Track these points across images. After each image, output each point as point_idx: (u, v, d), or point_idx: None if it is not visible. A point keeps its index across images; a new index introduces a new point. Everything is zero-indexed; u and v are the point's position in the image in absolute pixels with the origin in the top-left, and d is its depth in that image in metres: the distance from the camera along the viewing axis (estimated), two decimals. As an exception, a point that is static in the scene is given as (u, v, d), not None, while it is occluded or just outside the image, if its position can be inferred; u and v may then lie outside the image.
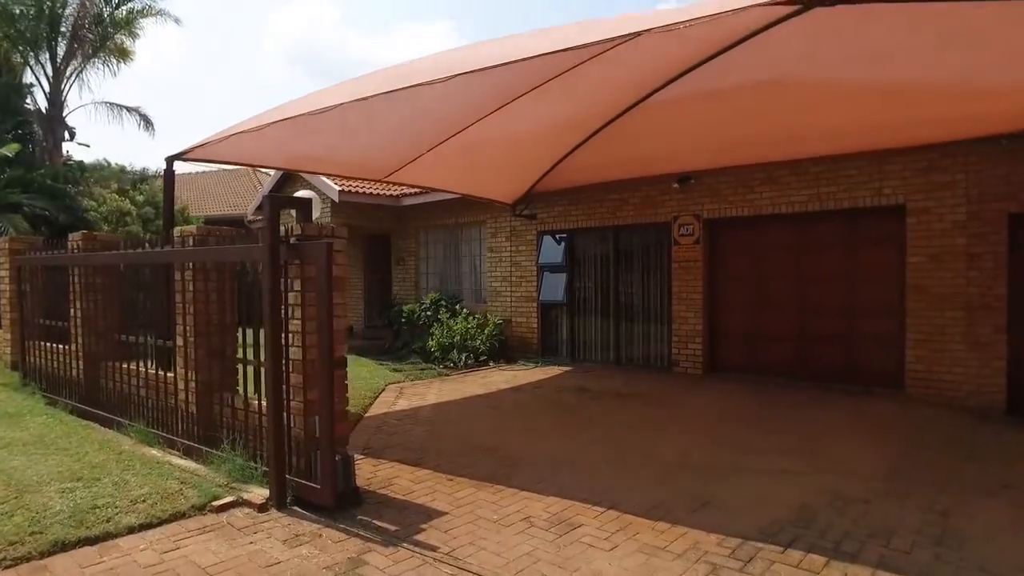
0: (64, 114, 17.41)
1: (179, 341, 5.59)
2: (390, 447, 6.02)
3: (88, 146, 25.14)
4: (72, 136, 18.84)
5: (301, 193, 11.79)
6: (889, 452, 5.70)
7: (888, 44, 5.79)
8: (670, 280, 10.26)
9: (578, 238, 11.63)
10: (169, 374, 5.84)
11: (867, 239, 8.57)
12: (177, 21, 25.09)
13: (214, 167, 20.53)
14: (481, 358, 11.41)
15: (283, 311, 4.60)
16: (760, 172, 9.22)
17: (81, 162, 19.70)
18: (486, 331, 11.74)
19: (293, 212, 5.19)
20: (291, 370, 4.57)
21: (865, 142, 7.92)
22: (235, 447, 4.96)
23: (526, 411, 7.62)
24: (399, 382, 9.63)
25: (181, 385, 5.57)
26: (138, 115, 19.51)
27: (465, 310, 12.31)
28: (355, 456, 5.60)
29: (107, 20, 17.02)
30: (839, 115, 7.38)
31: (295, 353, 4.53)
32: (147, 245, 6.20)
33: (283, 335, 4.59)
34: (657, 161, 9.62)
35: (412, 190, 13.72)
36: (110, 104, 18.78)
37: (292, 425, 4.56)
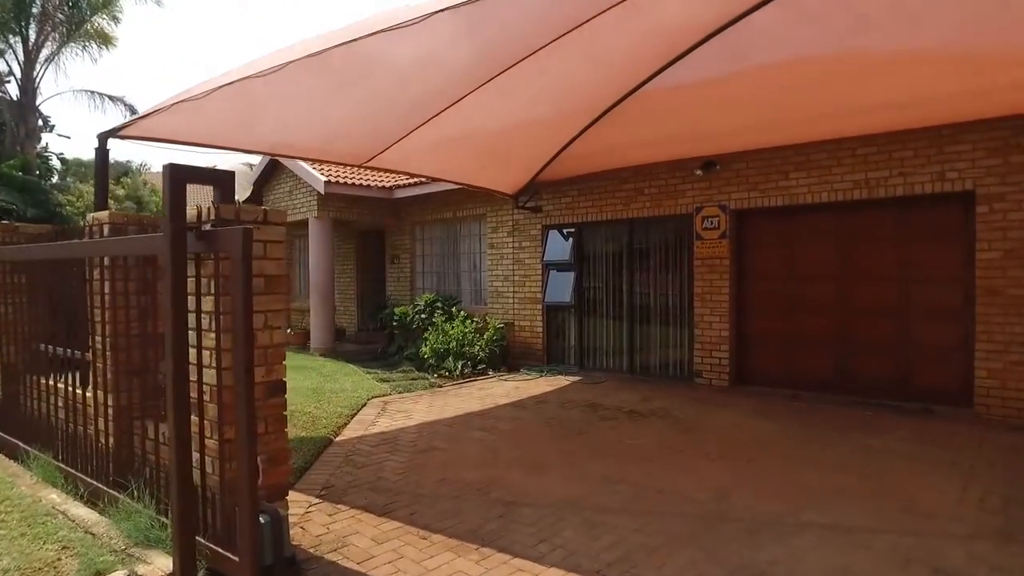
0: (38, 102, 16.43)
1: (96, 354, 4.49)
2: (356, 486, 4.89)
3: (69, 138, 24.16)
4: (49, 127, 17.87)
5: (230, 166, 10.66)
6: (983, 496, 4.52)
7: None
8: (691, 279, 9.09)
9: (588, 233, 10.48)
10: (88, 394, 4.73)
11: (924, 232, 7.37)
12: (158, 3, 23.95)
13: (205, 161, 19.47)
14: (480, 366, 10.27)
15: (197, 320, 3.49)
16: (796, 155, 8.04)
17: (60, 155, 18.74)
18: (485, 336, 10.61)
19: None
20: (206, 399, 3.45)
21: (925, 116, 6.74)
22: (145, 495, 3.84)
23: (527, 434, 6.47)
24: (384, 395, 8.51)
25: (94, 410, 4.47)
26: (123, 104, 18.49)
27: (463, 313, 11.18)
28: (311, 501, 4.49)
29: (82, 1, 16.00)
30: (894, 85, 6.21)
31: (210, 376, 3.41)
32: (63, 237, 5.10)
33: (198, 352, 3.48)
34: (677, 144, 8.46)
35: (405, 180, 12.61)
36: (91, 92, 17.78)
37: (207, 471, 3.44)
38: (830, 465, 5.26)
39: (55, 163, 17.98)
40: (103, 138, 5.81)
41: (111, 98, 18.41)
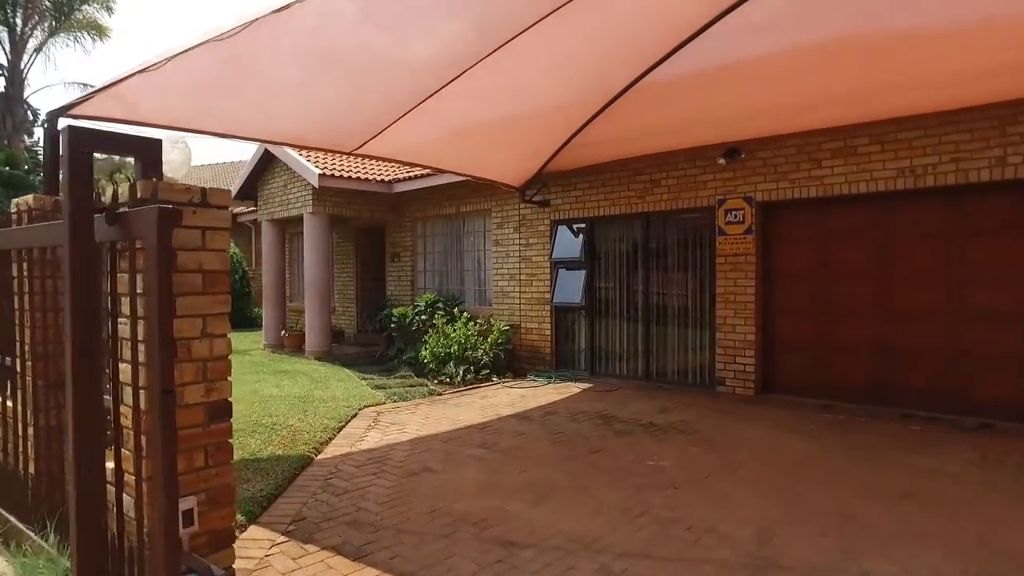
0: (26, 94, 15.87)
1: (19, 365, 3.80)
2: (332, 518, 4.17)
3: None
4: (42, 121, 17.31)
5: (162, 134, 9.99)
6: (1079, 538, 3.75)
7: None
8: (713, 278, 8.33)
9: (600, 228, 9.73)
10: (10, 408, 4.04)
11: (980, 225, 6.59)
12: None
13: (209, 160, 18.88)
14: (483, 372, 9.54)
15: (113, 327, 2.78)
16: (831, 140, 7.27)
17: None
18: (489, 339, 9.88)
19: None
20: (123, 422, 2.74)
21: (984, 92, 5.96)
22: (65, 538, 3.14)
23: (532, 453, 5.73)
24: (378, 404, 7.79)
25: (15, 431, 3.77)
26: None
27: (466, 314, 10.46)
28: (275, 540, 3.78)
29: (70, -12, 15.46)
30: (947, 57, 5.45)
31: (128, 395, 2.70)
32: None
33: (114, 366, 2.77)
34: (698, 129, 7.71)
35: (404, 173, 11.91)
36: (83, 85, 17.16)
37: (127, 515, 2.73)
38: (884, 493, 4.49)
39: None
40: (53, 117, 5.10)
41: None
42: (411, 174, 11.71)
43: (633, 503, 4.39)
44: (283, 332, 12.71)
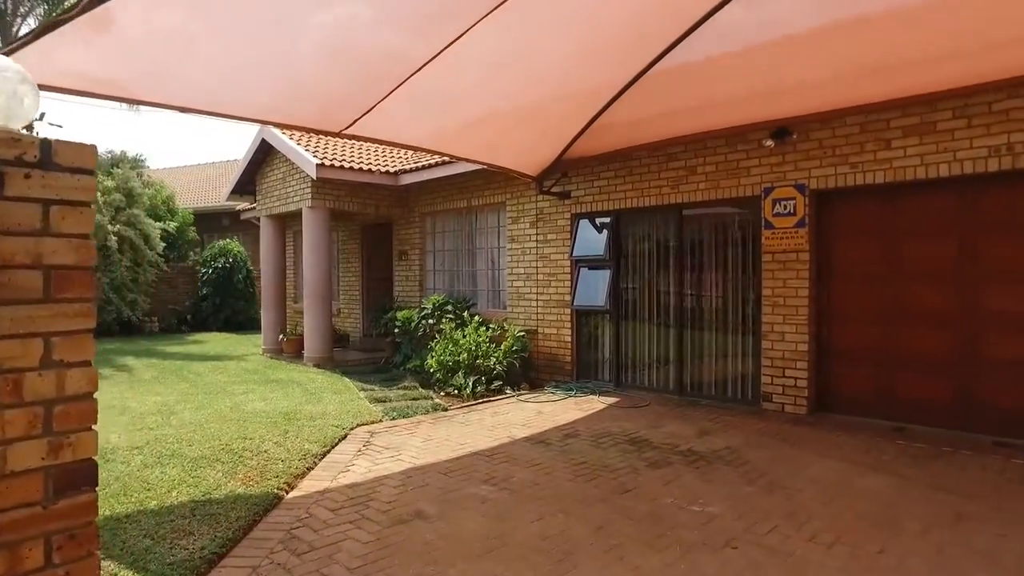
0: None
1: None
2: (284, 592, 3.19)
3: (60, 127, 22.98)
4: (40, 114, 16.60)
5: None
6: None
7: None
8: (758, 278, 7.25)
9: (627, 222, 8.68)
10: None
11: (1093, 213, 5.46)
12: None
13: (204, 159, 18.06)
14: (495, 383, 8.53)
15: None
16: (904, 115, 6.16)
17: (55, 145, 17.43)
18: (503, 346, 8.87)
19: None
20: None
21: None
22: None
23: (550, 492, 4.71)
24: (374, 422, 6.82)
25: None
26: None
27: (477, 317, 9.45)
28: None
29: (64, -29, 14.75)
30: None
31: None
32: None
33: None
34: (741, 106, 6.63)
35: (411, 164, 10.96)
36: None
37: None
38: (1017, 564, 3.41)
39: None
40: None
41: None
42: (418, 164, 10.75)
43: (680, 573, 3.35)
44: (281, 337, 11.81)
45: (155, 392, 8.32)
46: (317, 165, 9.97)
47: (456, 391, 8.38)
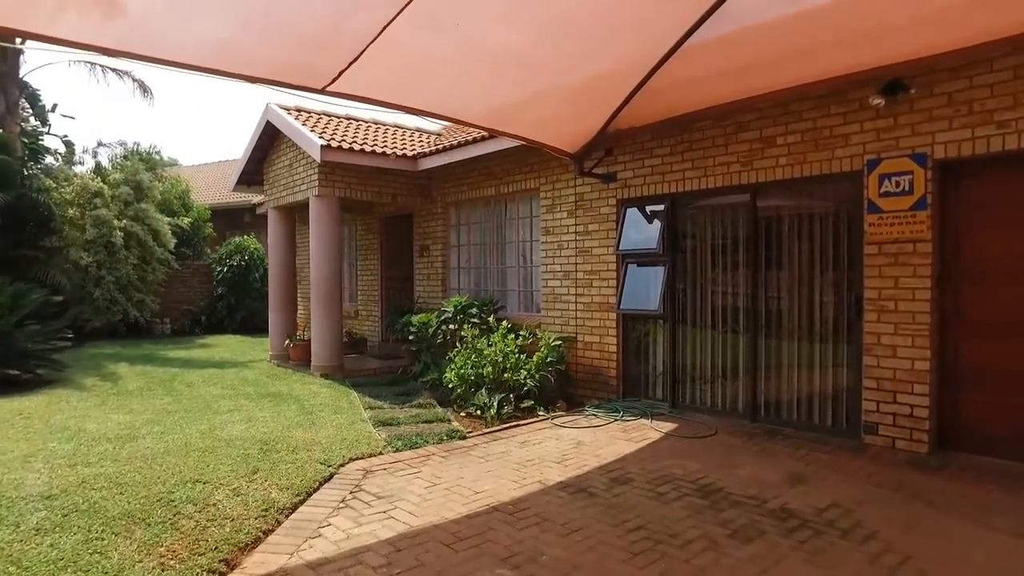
0: (22, 72, 14.29)
1: None
2: None
3: (73, 118, 22.42)
4: (51, 106, 15.77)
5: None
6: None
7: None
8: (859, 275, 5.69)
9: (685, 208, 7.18)
10: None
11: None
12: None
13: (231, 156, 17.08)
14: (525, 402, 7.12)
15: None
16: (1077, 56, 4.55)
17: (65, 136, 16.63)
18: (535, 357, 7.44)
19: None
20: None
21: None
22: None
23: (594, 579, 3.27)
24: (372, 454, 5.47)
25: None
26: (131, 79, 16.24)
27: (506, 322, 8.03)
28: None
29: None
30: None
31: None
32: None
33: None
34: (837, 53, 5.05)
35: (430, 145, 9.62)
36: (90, 64, 15.57)
37: None
38: None
39: (54, 144, 15.96)
40: None
41: (116, 71, 16.21)
42: (439, 146, 9.38)
43: None
44: (287, 342, 10.57)
45: (127, 409, 7.12)
46: (322, 147, 8.68)
47: (479, 411, 6.98)
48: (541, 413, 7.02)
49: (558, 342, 7.63)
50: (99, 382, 8.83)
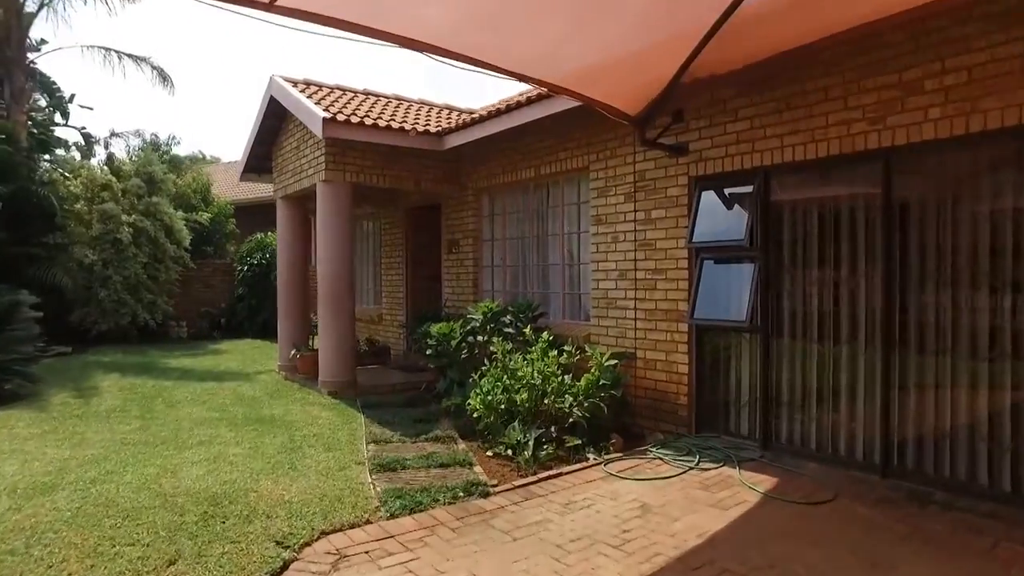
0: (29, 58, 13.35)
1: None
2: None
3: (91, 109, 21.83)
4: (65, 96, 14.84)
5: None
6: None
7: None
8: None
9: (784, 186, 5.44)
10: None
11: None
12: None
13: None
14: (570, 441, 5.48)
15: None
16: None
17: (83, 128, 15.72)
18: (584, 380, 5.80)
19: None
20: None
21: None
22: None
23: None
24: (357, 524, 3.94)
25: None
26: (149, 66, 15.19)
27: (547, 333, 6.39)
28: None
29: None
30: None
31: None
32: None
33: None
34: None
35: (454, 119, 8.06)
36: (105, 50, 14.58)
37: None
38: None
39: (72, 136, 14.99)
40: None
41: (133, 57, 15.19)
42: (468, 118, 7.82)
43: None
44: (293, 352, 9.17)
45: (77, 440, 5.77)
46: (324, 120, 7.21)
47: (510, 451, 5.39)
48: (591, 457, 5.36)
49: (613, 361, 5.95)
50: (69, 400, 7.55)
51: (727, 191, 5.73)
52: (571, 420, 5.64)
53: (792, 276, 5.39)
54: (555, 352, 5.97)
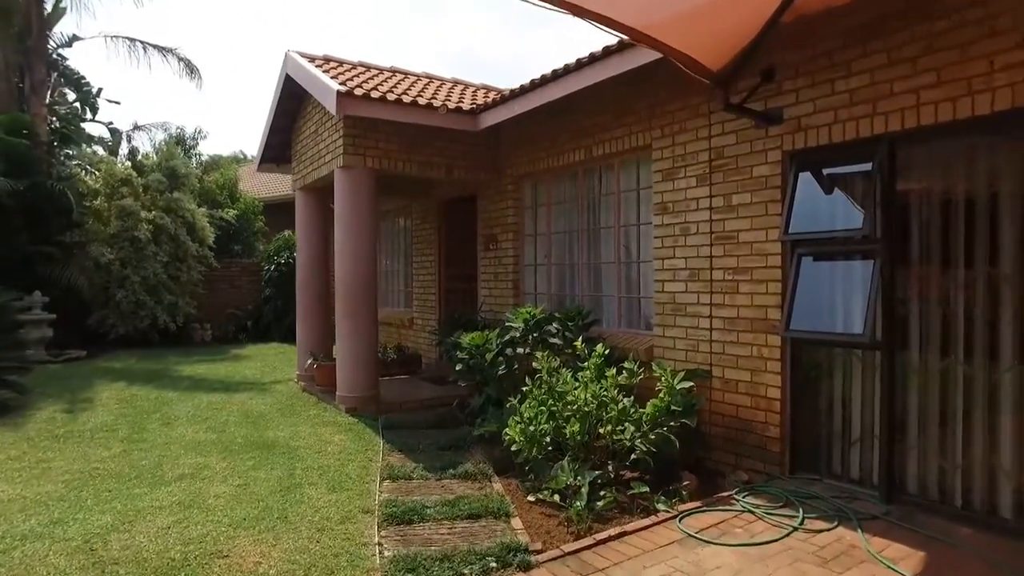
0: (61, 54, 12.81)
1: None
2: None
3: (119, 103, 21.46)
4: (94, 91, 14.24)
5: None
6: None
7: None
8: None
9: (917, 158, 4.19)
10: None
11: None
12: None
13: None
14: (634, 487, 4.32)
15: None
16: None
17: (110, 124, 15.14)
18: (650, 406, 4.61)
19: None
20: None
21: None
22: None
23: None
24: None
25: None
26: (176, 57, 14.52)
27: (601, 346, 5.21)
28: None
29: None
30: None
31: None
32: None
33: None
34: None
35: (492, 97, 6.96)
36: (131, 40, 13.95)
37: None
38: None
39: (98, 131, 14.53)
40: None
41: (159, 48, 14.53)
42: (508, 91, 6.71)
43: None
44: (309, 361, 8.20)
45: (38, 470, 4.87)
46: (339, 94, 6.19)
47: (557, 497, 4.26)
48: (660, 505, 4.19)
49: (689, 384, 4.75)
50: (57, 415, 6.70)
51: (835, 168, 4.50)
52: (636, 455, 4.49)
53: (927, 275, 4.14)
54: (613, 371, 4.80)
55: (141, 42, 14.10)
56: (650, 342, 5.77)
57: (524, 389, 5.08)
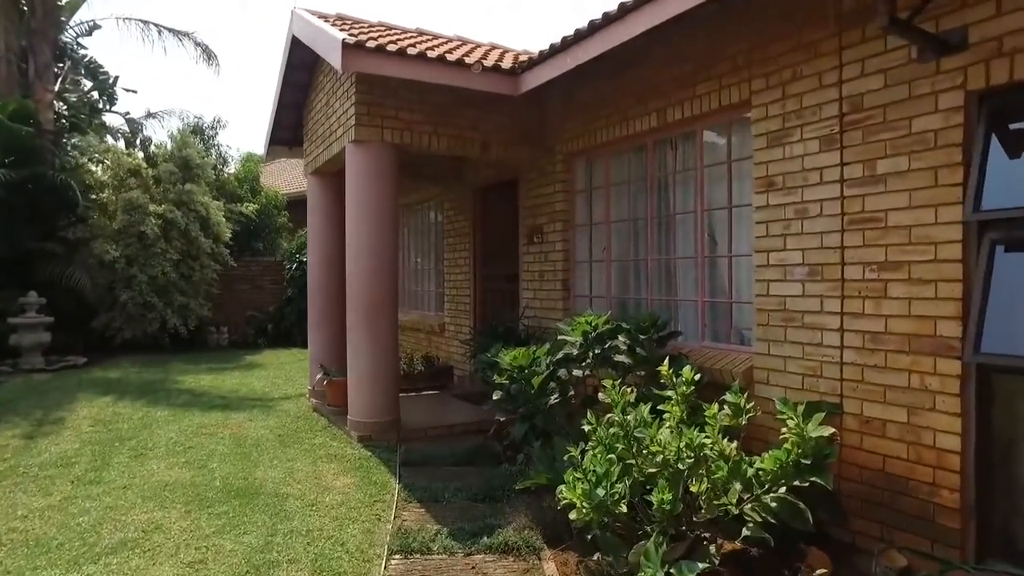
0: (71, 38, 11.91)
1: None
2: None
3: (135, 92, 20.56)
4: (111, 79, 13.37)
5: None
6: None
7: None
8: None
9: None
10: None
11: None
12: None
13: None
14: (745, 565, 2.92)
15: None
16: None
17: (127, 114, 14.25)
18: (769, 459, 3.18)
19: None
20: None
21: None
22: None
23: None
24: None
25: None
26: (192, 41, 13.55)
27: (690, 369, 3.78)
28: None
29: None
30: None
31: None
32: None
33: None
34: None
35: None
36: (143, 23, 13.01)
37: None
38: None
39: (116, 122, 13.69)
40: None
41: (174, 32, 13.57)
42: (559, 42, 5.32)
43: None
44: (319, 376, 6.96)
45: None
46: (345, 45, 4.91)
47: (638, 599, 2.88)
48: (800, 619, 2.78)
49: (829, 431, 3.30)
50: (11, 441, 5.58)
51: (1049, 114, 3.03)
52: (747, 530, 3.09)
53: None
54: (715, 408, 3.39)
55: (155, 24, 13.16)
56: (749, 362, 4.34)
57: (585, 427, 3.70)
